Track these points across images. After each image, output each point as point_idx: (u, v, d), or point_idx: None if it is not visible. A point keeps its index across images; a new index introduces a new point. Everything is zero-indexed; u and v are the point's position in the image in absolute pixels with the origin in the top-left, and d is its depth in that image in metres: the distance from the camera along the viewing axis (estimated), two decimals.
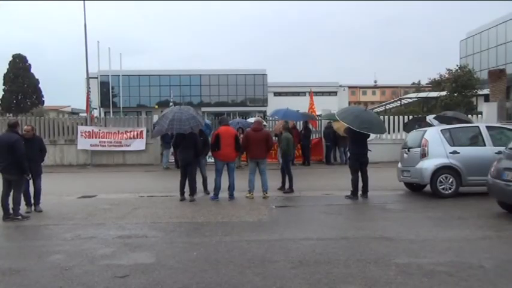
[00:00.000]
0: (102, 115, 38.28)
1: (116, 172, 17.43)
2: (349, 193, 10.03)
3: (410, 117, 19.78)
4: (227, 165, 10.15)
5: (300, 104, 31.15)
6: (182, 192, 10.00)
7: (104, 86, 44.82)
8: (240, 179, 10.60)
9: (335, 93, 58.23)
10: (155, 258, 5.65)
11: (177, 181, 10.38)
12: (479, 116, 20.82)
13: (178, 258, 5.60)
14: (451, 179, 9.79)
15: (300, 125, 19.64)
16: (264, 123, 13.71)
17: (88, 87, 21.17)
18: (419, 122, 15.82)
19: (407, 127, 16.52)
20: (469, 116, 19.93)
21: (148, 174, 16.63)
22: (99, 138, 19.41)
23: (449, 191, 9.77)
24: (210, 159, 12.27)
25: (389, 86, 76.79)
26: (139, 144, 19.43)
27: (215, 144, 9.96)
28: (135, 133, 19.47)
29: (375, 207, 9.25)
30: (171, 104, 21.15)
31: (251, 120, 18.06)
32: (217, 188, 10.06)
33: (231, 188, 10.15)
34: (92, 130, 19.50)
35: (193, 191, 10.06)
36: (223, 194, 10.18)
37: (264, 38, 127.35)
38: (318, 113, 21.19)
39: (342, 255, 5.61)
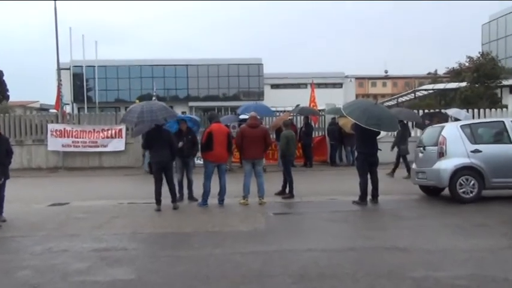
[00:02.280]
0: (75, 111, 38.25)
1: (92, 176, 17.38)
2: (356, 198, 10.04)
3: (426, 111, 19.85)
4: (218, 168, 10.15)
5: (300, 97, 31.21)
6: (159, 201, 9.82)
7: (77, 78, 44.77)
8: (230, 182, 10.61)
9: (340, 85, 58.33)
10: (136, 274, 5.64)
11: None
12: (504, 109, 20.91)
13: (162, 274, 5.59)
14: (472, 181, 9.82)
15: (300, 121, 19.66)
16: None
17: (59, 80, 21.12)
18: (429, 117, 15.89)
19: (420, 123, 16.57)
20: (493, 110, 20.04)
21: (128, 179, 16.58)
22: (71, 137, 19.34)
23: (471, 195, 9.80)
24: (199, 161, 12.24)
25: (401, 77, 77.02)
26: (117, 145, 19.38)
27: (207, 143, 9.92)
28: (113, 132, 19.42)
29: (386, 214, 9.26)
30: (154, 98, 21.11)
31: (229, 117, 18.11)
32: (206, 193, 10.06)
33: (221, 192, 10.15)
34: (64, 128, 19.43)
35: (175, 197, 10.02)
36: (213, 199, 10.17)
37: (259, 24, 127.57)
38: (320, 108, 21.23)
39: (349, 268, 5.61)
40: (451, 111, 16.97)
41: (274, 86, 57.36)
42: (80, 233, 7.91)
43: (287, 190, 11.10)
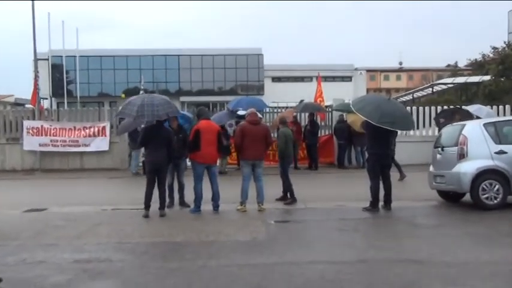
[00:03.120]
0: (54, 107, 38.06)
1: (72, 179, 17.37)
2: (367, 204, 10.05)
3: (445, 107, 19.88)
4: (208, 170, 10.18)
5: (304, 92, 31.30)
6: (147, 206, 9.85)
7: (57, 70, 44.70)
8: (226, 186, 10.61)
9: (349, 78, 58.42)
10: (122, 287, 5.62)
11: None
12: None
13: None
14: (496, 186, 9.83)
15: (304, 119, 19.67)
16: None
17: (36, 72, 21.07)
18: (445, 114, 15.93)
19: (438, 121, 16.60)
20: None
21: (112, 182, 16.59)
22: (50, 136, 19.34)
23: (495, 201, 9.79)
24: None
25: (418, 69, 77.03)
26: (101, 144, 19.38)
27: (194, 142, 9.97)
28: (96, 129, 19.42)
29: (400, 222, 9.27)
30: (141, 92, 21.07)
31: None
32: (198, 198, 10.08)
33: (215, 197, 10.17)
34: (41, 126, 19.43)
35: (164, 203, 10.05)
36: (207, 205, 10.18)
37: (259, 11, 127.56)
38: (327, 103, 21.25)
39: (359, 282, 5.60)
40: (472, 108, 16.99)
41: (276, 79, 57.40)
42: (59, 242, 7.90)
43: (288, 195, 11.10)
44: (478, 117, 14.76)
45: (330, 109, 20.45)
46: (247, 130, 10.23)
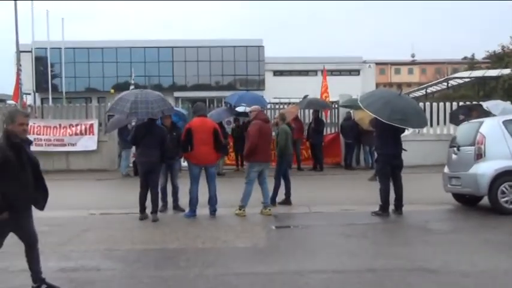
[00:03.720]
0: (38, 103, 38.17)
1: (57, 181, 17.26)
2: (377, 208, 10.06)
3: (461, 103, 19.88)
4: (205, 171, 10.20)
5: (308, 86, 31.17)
6: (143, 208, 9.97)
7: (41, 63, 44.66)
8: (224, 189, 10.62)
9: (357, 71, 58.37)
10: None
11: (138, 193, 10.31)
12: None
13: None
14: None
15: (308, 116, 19.64)
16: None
17: (18, 65, 21.09)
18: (464, 111, 15.90)
19: (455, 118, 16.58)
20: None
21: (101, 184, 16.59)
22: (33, 134, 19.24)
23: None
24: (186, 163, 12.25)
25: (432, 62, 77.09)
26: (88, 143, 19.39)
27: (186, 141, 10.02)
28: (83, 127, 19.42)
29: (412, 228, 9.27)
30: (132, 87, 21.08)
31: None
32: (193, 201, 10.12)
33: (212, 201, 10.20)
34: None
35: (156, 207, 10.07)
36: (204, 209, 10.19)
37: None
38: (333, 99, 21.21)
39: None
40: (489, 104, 16.98)
41: (278, 73, 57.36)
42: (44, 249, 7.83)
43: (271, 197, 11.09)
44: (491, 114, 14.77)
45: (336, 105, 20.40)
46: (263, 129, 10.27)
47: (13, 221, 5.45)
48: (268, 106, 21.23)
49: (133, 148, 14.13)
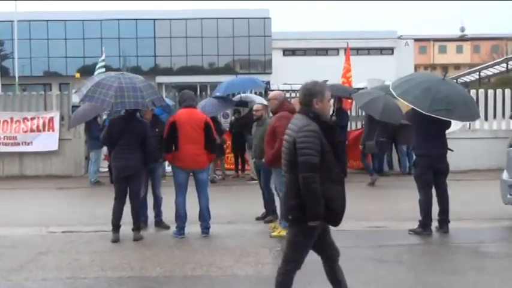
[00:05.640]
0: None
1: (8, 190, 17.37)
2: (415, 225, 10.04)
3: None
4: (194, 177, 10.20)
5: (328, 70, 31.15)
6: (117, 227, 9.90)
7: None
8: (219, 201, 10.57)
9: (391, 50, 58.43)
10: None
11: (111, 205, 10.30)
12: None
13: None
14: None
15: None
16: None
17: None
18: None
19: None
20: None
21: (63, 194, 16.58)
22: None
23: None
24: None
25: (487, 38, 77.07)
26: (47, 142, 19.36)
27: (169, 139, 10.02)
28: (41, 122, 19.40)
29: (461, 250, 9.24)
30: (97, 72, 21.04)
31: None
32: (181, 217, 10.11)
33: (203, 216, 10.18)
34: None
35: (138, 222, 10.08)
36: (193, 227, 10.20)
37: None
38: (359, 86, 21.13)
39: None
40: None
41: (288, 52, 57.42)
42: None
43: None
44: None
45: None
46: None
47: None
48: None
49: (105, 149, 14.13)
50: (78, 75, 47.48)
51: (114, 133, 9.99)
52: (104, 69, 22.09)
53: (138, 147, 9.90)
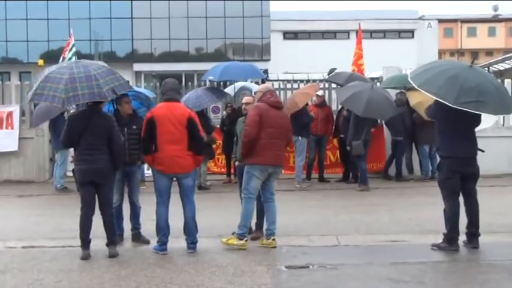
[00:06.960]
0: None
1: None
2: (440, 239, 10.06)
3: None
4: (178, 183, 10.23)
5: (336, 56, 31.20)
6: (86, 242, 9.89)
7: None
8: (207, 210, 10.57)
9: (411, 32, 58.51)
10: None
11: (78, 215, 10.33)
12: None
13: None
14: None
15: (336, 101, 19.59)
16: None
17: None
18: None
19: None
20: None
21: (24, 202, 16.66)
22: None
23: None
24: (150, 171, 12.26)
25: None
26: (5, 141, 19.42)
27: (147, 138, 10.06)
28: None
29: (494, 269, 9.27)
30: (68, 58, 20.93)
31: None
32: (161, 229, 10.12)
33: (189, 229, 10.22)
34: None
35: (114, 235, 10.10)
36: (177, 241, 10.23)
37: None
38: (373, 75, 21.15)
39: None
40: None
41: (290, 35, 57.52)
42: None
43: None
44: None
45: (377, 83, 20.32)
46: (267, 117, 10.17)
47: None
48: (276, 85, 21.22)
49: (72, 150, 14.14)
50: (41, 62, 47.29)
51: (74, 131, 9.91)
52: (74, 57, 21.98)
53: (103, 147, 9.85)
